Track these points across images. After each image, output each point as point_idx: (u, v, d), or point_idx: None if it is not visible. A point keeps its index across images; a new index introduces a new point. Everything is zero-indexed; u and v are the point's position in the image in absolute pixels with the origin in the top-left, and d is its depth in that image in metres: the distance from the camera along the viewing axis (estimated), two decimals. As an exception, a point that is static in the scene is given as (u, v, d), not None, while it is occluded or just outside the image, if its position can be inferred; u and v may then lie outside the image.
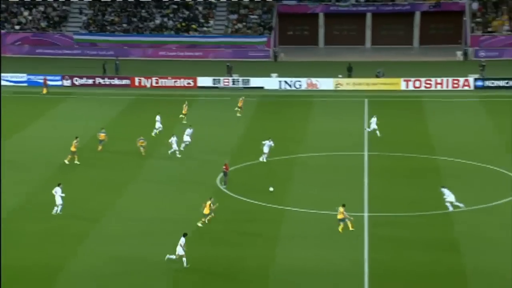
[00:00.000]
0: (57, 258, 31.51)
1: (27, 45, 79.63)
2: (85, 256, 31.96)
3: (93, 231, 34.54)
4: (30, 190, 39.73)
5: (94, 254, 32.13)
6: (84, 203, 37.92)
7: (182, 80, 66.67)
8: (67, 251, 32.28)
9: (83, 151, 46.13)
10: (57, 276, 30.10)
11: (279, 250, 31.89)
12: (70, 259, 31.53)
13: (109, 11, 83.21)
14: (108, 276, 30.21)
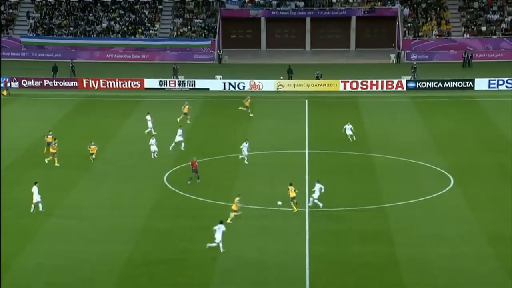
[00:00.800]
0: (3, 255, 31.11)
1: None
2: (35, 253, 31.59)
3: (43, 228, 34.14)
4: None
5: (45, 251, 31.79)
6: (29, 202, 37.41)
7: (129, 82, 66.25)
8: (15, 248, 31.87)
9: (30, 151, 45.55)
10: (5, 273, 29.72)
11: (226, 243, 32.05)
12: (17, 256, 31.14)
13: (56, 14, 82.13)
14: (54, 271, 29.94)
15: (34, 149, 46.38)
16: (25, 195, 38.12)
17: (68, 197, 37.93)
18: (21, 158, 44.83)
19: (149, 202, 37.81)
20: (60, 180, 40.85)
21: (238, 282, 29.42)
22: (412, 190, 39.52)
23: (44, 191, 38.64)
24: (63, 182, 40.26)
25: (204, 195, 38.59)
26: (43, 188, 38.87)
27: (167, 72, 68.81)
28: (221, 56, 79.38)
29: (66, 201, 37.66)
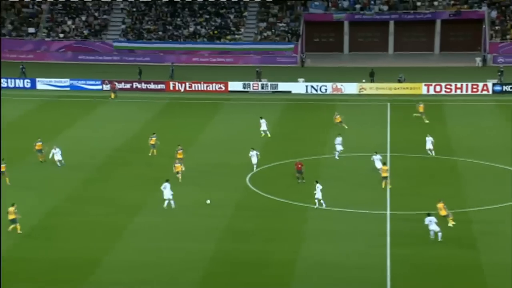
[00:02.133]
0: (94, 251, 31.88)
1: (70, 52, 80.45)
2: (122, 249, 32.29)
3: (130, 225, 34.85)
4: (72, 188, 40.15)
5: (128, 247, 32.45)
6: (121, 199, 38.26)
7: (214, 85, 66.96)
8: (105, 244, 32.64)
9: (120, 151, 46.59)
10: (96, 268, 30.47)
11: (306, 245, 31.89)
12: (108, 252, 31.88)
13: (146, 20, 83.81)
14: (143, 268, 30.49)
15: (123, 149, 47.38)
16: (115, 193, 39.06)
17: (154, 195, 38.55)
18: (111, 158, 45.89)
19: (232, 202, 38.03)
20: (148, 178, 41.56)
21: (318, 283, 29.21)
22: (497, 195, 38.32)
23: (133, 190, 39.48)
24: (150, 181, 40.94)
25: (286, 196, 38.52)
26: (134, 187, 39.71)
27: (250, 75, 69.16)
28: (304, 59, 79.21)
29: (153, 199, 38.28)
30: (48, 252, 31.73)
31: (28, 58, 78.94)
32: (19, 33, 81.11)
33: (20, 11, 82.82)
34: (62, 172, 42.66)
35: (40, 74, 68.53)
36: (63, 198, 38.42)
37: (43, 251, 31.92)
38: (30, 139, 48.25)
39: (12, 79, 66.50)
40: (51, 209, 36.65)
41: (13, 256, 31.34)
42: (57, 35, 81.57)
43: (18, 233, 33.57)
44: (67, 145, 48.34)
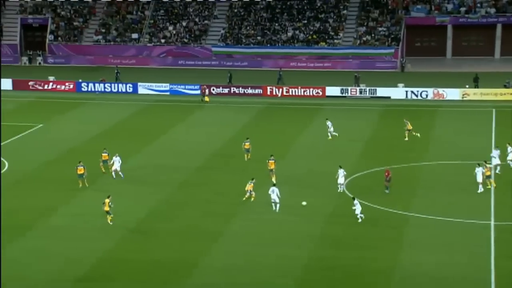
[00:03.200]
0: (191, 254, 31.95)
1: (170, 57, 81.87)
2: (218, 253, 32.22)
3: (226, 229, 34.78)
4: (169, 191, 40.54)
5: (222, 250, 32.33)
6: (217, 204, 38.28)
7: (311, 90, 66.37)
8: (201, 247, 32.66)
9: (218, 155, 46.75)
10: (193, 271, 30.52)
11: (403, 254, 30.82)
12: (204, 255, 31.88)
13: (245, 24, 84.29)
14: (237, 271, 30.28)
15: (219, 154, 47.54)
16: (211, 197, 39.12)
17: (249, 200, 38.32)
18: (207, 162, 46.09)
19: (327, 209, 37.35)
20: (242, 184, 41.43)
21: (416, 294, 28.11)
22: None
23: (228, 194, 39.43)
24: (244, 186, 40.80)
25: (382, 204, 37.47)
26: (229, 191, 39.65)
27: (348, 80, 68.19)
28: (404, 64, 77.41)
29: (247, 204, 38.08)
30: (146, 254, 32.08)
31: (131, 63, 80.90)
32: (123, 39, 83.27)
33: (124, 17, 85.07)
34: (159, 175, 43.15)
35: (142, 79, 70.02)
36: (160, 201, 38.81)
37: (141, 252, 32.29)
38: (132, 142, 49.21)
39: (115, 84, 68.18)
40: (148, 212, 37.07)
41: (112, 257, 31.89)
42: (159, 40, 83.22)
43: (109, 223, 34.37)
44: (165, 148, 49.01)
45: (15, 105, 61.68)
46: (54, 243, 33.11)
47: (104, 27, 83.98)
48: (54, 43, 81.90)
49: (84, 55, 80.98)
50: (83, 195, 39.45)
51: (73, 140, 48.97)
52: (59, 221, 35.37)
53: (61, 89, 67.67)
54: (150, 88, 67.78)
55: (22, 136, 51.22)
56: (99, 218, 36.02)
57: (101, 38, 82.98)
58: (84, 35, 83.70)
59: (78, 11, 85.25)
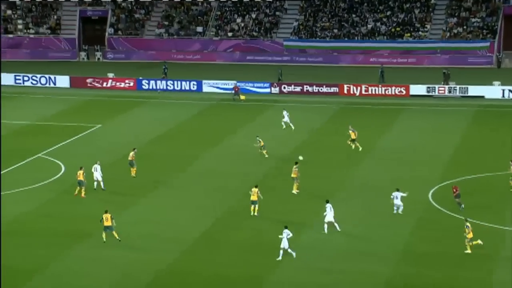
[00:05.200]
0: (257, 268, 32.06)
1: (238, 52, 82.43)
2: (288, 267, 32.23)
3: (297, 241, 34.75)
4: (235, 199, 40.80)
5: (294, 265, 32.32)
6: (286, 213, 38.28)
7: (393, 88, 65.75)
8: (268, 261, 32.74)
9: (287, 160, 46.77)
10: (261, 286, 30.60)
11: (498, 273, 30.15)
12: (272, 269, 31.95)
13: (320, 16, 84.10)
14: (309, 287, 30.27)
15: (289, 159, 47.55)
16: (279, 206, 39.14)
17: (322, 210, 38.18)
18: (275, 169, 46.15)
19: (411, 220, 36.90)
20: (314, 192, 41.33)
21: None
22: None
23: (299, 203, 39.38)
24: (316, 195, 40.70)
25: (474, 216, 36.72)
26: (300, 200, 39.57)
27: (436, 77, 67.22)
28: (501, 59, 75.78)
29: (320, 214, 37.90)
30: (211, 267, 32.40)
31: (195, 59, 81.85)
32: (187, 32, 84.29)
33: (189, 8, 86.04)
34: (224, 181, 43.47)
35: (207, 75, 70.74)
36: (225, 210, 39.10)
37: (205, 265, 32.63)
38: (196, 144, 49.77)
39: (178, 81, 69.04)
40: (213, 222, 37.40)
41: (175, 270, 32.31)
42: (226, 34, 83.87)
43: (117, 239, 34.44)
44: (230, 152, 49.34)
45: (72, 104, 63.26)
46: (114, 252, 33.80)
47: (167, 19, 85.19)
48: (114, 37, 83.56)
49: (145, 50, 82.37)
50: (144, 202, 40.11)
51: (132, 142, 49.87)
52: (119, 229, 36.02)
53: (120, 86, 69.04)
54: (215, 86, 68.40)
55: (79, 138, 52.47)
56: (160, 226, 36.56)
57: (164, 32, 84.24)
58: (146, 28, 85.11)
59: (140, 2, 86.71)
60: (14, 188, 41.46)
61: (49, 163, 45.82)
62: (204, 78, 69.32)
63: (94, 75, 70.15)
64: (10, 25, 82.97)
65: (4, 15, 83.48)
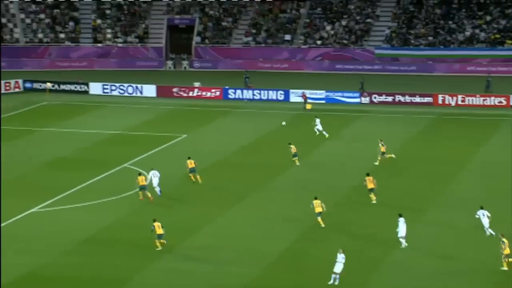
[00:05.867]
0: (347, 285, 31.95)
1: (327, 60, 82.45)
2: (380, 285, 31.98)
3: (388, 257, 34.51)
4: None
5: (384, 283, 32.07)
6: (373, 227, 38.05)
7: (492, 99, 64.51)
8: (359, 278, 32.60)
9: (376, 171, 46.49)
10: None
11: None
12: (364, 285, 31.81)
13: (414, 23, 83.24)
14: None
15: (379, 170, 47.19)
16: (366, 220, 38.91)
17: (414, 226, 37.77)
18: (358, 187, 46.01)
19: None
20: (407, 207, 40.95)
21: None
22: None
23: (387, 216, 39.05)
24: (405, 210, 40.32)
25: None
26: (390, 214, 39.22)
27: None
28: None
29: (413, 229, 37.53)
30: (298, 282, 32.39)
31: (282, 67, 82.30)
32: (274, 41, 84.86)
33: (277, 16, 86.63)
34: (313, 193, 43.50)
35: (294, 85, 71.01)
36: (311, 224, 39.14)
37: (292, 281, 32.67)
38: (282, 155, 49.99)
39: (265, 91, 69.56)
40: (299, 235, 37.48)
41: (260, 285, 32.50)
42: (314, 42, 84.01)
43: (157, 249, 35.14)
44: (320, 162, 49.39)
45: (158, 113, 64.55)
46: (198, 265, 34.26)
47: (254, 27, 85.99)
48: (200, 46, 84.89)
49: (232, 59, 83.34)
50: (229, 214, 40.55)
51: (218, 152, 50.51)
52: (204, 241, 36.58)
53: (206, 96, 70.06)
54: (305, 96, 68.57)
55: (165, 148, 53.50)
56: (246, 239, 36.91)
57: (251, 40, 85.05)
58: (233, 37, 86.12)
59: (228, 10, 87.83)
60: (99, 198, 42.59)
61: (135, 173, 46.87)
62: (292, 87, 69.61)
63: (180, 84, 71.41)
64: (99, 35, 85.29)
65: (93, 24, 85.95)
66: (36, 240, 36.78)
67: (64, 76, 74.97)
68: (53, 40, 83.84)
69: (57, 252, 35.39)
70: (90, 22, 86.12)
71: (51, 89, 69.86)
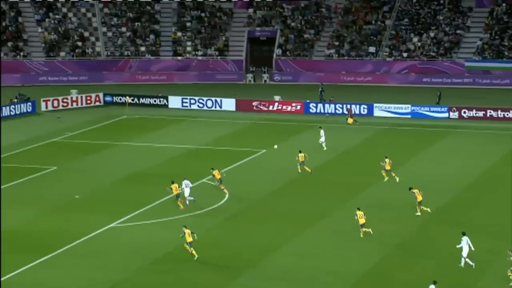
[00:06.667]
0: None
1: (413, 73, 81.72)
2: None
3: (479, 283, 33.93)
4: (405, 233, 40.40)
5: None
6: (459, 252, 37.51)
7: None
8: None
9: (471, 190, 45.76)
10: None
11: None
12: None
13: (508, 34, 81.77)
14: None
15: (473, 189, 46.54)
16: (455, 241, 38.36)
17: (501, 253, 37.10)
18: (458, 199, 45.30)
19: None
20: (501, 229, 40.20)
21: None
22: None
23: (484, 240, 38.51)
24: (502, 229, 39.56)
25: None
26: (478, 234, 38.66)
27: None
28: None
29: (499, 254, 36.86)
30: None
31: (366, 81, 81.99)
32: (358, 53, 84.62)
33: (361, 28, 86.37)
34: (397, 213, 43.15)
35: (378, 99, 70.63)
36: (396, 243, 38.77)
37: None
38: (364, 173, 49.75)
39: (348, 105, 69.30)
40: (382, 258, 37.18)
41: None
42: (400, 54, 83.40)
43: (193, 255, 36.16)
44: (404, 181, 48.91)
45: (237, 128, 65.08)
46: (279, 284, 34.34)
47: (337, 39, 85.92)
48: (281, 58, 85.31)
49: (313, 72, 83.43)
50: (309, 233, 40.52)
51: (296, 169, 50.51)
52: (284, 260, 36.65)
53: (287, 110, 70.28)
54: (387, 110, 68.18)
55: (244, 163, 53.88)
56: (327, 259, 36.87)
57: (334, 52, 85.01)
58: (315, 49, 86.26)
59: (310, 22, 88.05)
60: (177, 214, 43.19)
61: (213, 188, 47.37)
62: (376, 101, 69.26)
63: (260, 98, 71.86)
64: (180, 47, 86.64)
65: (174, 37, 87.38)
66: (113, 256, 37.50)
67: (143, 90, 76.44)
68: (134, 53, 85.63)
69: (133, 269, 36.01)
70: (170, 35, 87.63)
71: (130, 102, 71.33)
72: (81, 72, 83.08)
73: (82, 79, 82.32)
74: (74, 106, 71.47)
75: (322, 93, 72.16)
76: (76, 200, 45.36)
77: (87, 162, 53.98)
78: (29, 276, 35.15)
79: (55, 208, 44.13)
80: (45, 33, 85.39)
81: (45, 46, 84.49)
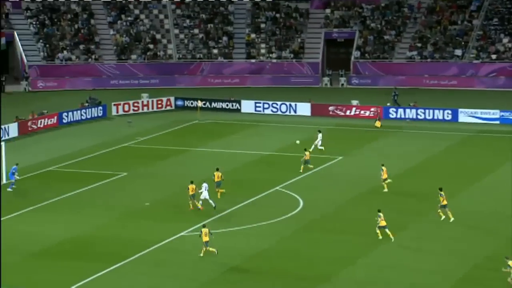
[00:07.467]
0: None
1: (502, 77, 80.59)
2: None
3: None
4: (491, 243, 39.96)
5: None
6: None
7: None
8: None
9: None
10: None
11: None
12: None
13: None
14: None
15: None
16: None
17: None
18: None
19: None
20: None
21: None
22: None
23: None
24: None
25: None
26: None
27: None
28: None
29: None
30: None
31: (451, 84, 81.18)
32: (442, 55, 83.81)
33: (446, 28, 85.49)
34: (483, 224, 42.71)
35: (464, 104, 69.89)
36: (483, 256, 38.35)
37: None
38: (447, 182, 49.37)
39: (430, 110, 68.53)
40: (468, 270, 36.90)
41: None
42: (488, 56, 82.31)
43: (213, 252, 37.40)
44: (490, 191, 48.41)
45: (312, 133, 65.16)
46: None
47: (420, 40, 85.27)
48: (360, 61, 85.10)
49: (394, 75, 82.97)
50: (385, 246, 40.38)
51: (374, 177, 50.38)
52: (360, 274, 36.62)
53: (365, 115, 70.06)
54: (474, 116, 67.42)
55: (319, 170, 53.93)
56: (406, 273, 36.73)
57: (416, 54, 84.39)
58: (396, 51, 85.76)
59: (391, 22, 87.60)
60: (249, 223, 43.54)
61: (287, 197, 47.63)
62: (461, 106, 68.55)
63: (337, 102, 71.81)
64: (253, 50, 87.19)
65: (247, 39, 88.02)
66: (184, 265, 38.07)
67: (215, 93, 77.23)
68: (206, 56, 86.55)
69: (204, 279, 36.46)
70: (244, 37, 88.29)
71: (202, 107, 72.21)
72: (152, 75, 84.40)
73: (153, 83, 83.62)
74: (145, 110, 72.71)
75: (395, 97, 71.78)
76: (147, 207, 46.19)
77: (158, 168, 54.86)
78: (100, 285, 35.95)
79: (125, 215, 45.04)
80: (117, 35, 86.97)
81: (117, 48, 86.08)
